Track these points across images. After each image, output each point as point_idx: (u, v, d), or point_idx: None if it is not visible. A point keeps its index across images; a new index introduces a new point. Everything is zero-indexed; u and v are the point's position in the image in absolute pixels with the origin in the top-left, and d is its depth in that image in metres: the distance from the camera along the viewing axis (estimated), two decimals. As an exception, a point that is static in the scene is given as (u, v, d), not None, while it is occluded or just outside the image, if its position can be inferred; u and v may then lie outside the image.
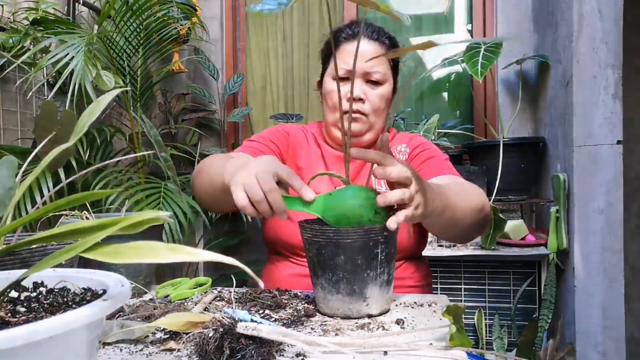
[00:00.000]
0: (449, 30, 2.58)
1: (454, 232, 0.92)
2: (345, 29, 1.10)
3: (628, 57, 1.67)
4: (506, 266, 1.93)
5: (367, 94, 1.05)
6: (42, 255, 0.62)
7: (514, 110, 2.26)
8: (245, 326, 0.52)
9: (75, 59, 1.52)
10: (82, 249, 0.32)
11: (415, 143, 1.14)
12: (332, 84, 1.07)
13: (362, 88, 1.05)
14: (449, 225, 0.87)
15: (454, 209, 0.84)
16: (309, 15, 2.65)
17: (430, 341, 0.62)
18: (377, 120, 1.08)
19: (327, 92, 1.09)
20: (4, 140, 1.76)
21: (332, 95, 1.07)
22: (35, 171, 0.43)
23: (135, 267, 0.87)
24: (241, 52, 2.75)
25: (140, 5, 1.92)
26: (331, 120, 1.10)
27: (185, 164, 2.50)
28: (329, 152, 1.15)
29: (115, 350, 0.61)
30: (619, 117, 1.65)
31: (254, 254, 2.61)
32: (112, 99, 2.11)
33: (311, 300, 0.83)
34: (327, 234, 0.70)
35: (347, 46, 1.07)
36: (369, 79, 1.06)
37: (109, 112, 2.32)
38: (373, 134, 1.10)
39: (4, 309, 0.37)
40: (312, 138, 1.18)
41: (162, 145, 1.00)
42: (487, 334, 1.90)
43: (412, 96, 2.59)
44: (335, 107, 1.07)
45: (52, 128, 0.70)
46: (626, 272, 1.66)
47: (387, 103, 1.09)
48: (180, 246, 0.31)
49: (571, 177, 1.72)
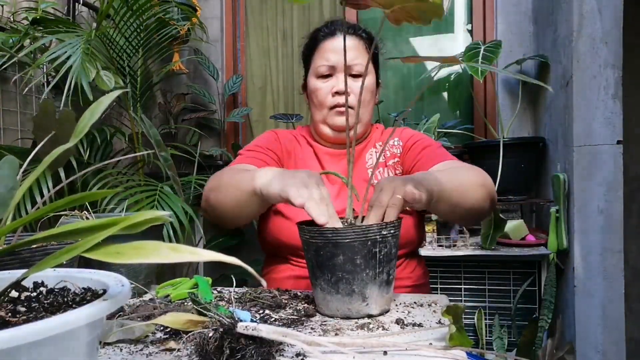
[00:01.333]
0: (448, 30, 2.58)
1: (460, 212, 0.92)
2: (323, 27, 1.12)
3: (628, 57, 1.67)
4: (506, 266, 1.93)
5: (351, 87, 1.07)
6: (42, 255, 0.62)
7: (514, 110, 2.26)
8: (245, 326, 0.52)
9: (72, 57, 1.52)
10: (82, 249, 0.32)
11: (407, 135, 1.15)
12: (316, 82, 1.09)
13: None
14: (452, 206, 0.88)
15: (451, 190, 0.86)
16: (309, 15, 2.65)
17: (430, 341, 0.62)
18: (364, 112, 1.10)
19: (312, 90, 1.11)
20: (4, 140, 1.76)
21: (317, 93, 1.09)
22: (36, 171, 0.43)
23: (135, 267, 0.87)
24: (241, 52, 2.75)
25: (140, 5, 1.92)
26: (319, 118, 1.12)
27: (185, 164, 2.50)
28: (321, 150, 1.16)
29: (115, 350, 0.61)
30: (619, 117, 1.65)
31: (254, 254, 2.61)
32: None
33: (311, 300, 0.83)
34: (325, 234, 0.70)
35: (326, 44, 1.09)
36: (350, 73, 1.07)
37: (109, 112, 2.32)
38: (361, 127, 1.12)
39: (4, 309, 0.37)
40: (303, 139, 1.19)
41: (162, 145, 1.01)
42: (487, 334, 1.90)
43: (412, 96, 2.59)
44: (322, 104, 1.09)
45: (51, 127, 0.70)
46: (626, 272, 1.66)
47: (371, 95, 1.11)
48: (182, 246, 0.31)
49: (571, 177, 1.72)
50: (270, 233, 1.08)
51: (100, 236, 0.32)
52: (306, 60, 1.16)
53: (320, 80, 1.09)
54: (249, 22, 2.73)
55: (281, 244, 1.06)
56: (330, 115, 1.09)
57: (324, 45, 1.09)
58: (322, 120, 1.11)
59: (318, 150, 1.16)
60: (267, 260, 1.16)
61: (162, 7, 2.10)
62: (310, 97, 1.14)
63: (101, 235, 0.32)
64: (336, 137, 1.12)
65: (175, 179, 1.57)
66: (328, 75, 1.08)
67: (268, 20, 2.70)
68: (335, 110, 1.08)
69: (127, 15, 1.94)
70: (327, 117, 1.09)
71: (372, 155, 1.14)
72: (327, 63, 1.07)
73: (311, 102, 1.13)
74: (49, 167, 0.49)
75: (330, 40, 1.08)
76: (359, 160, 1.14)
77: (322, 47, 1.09)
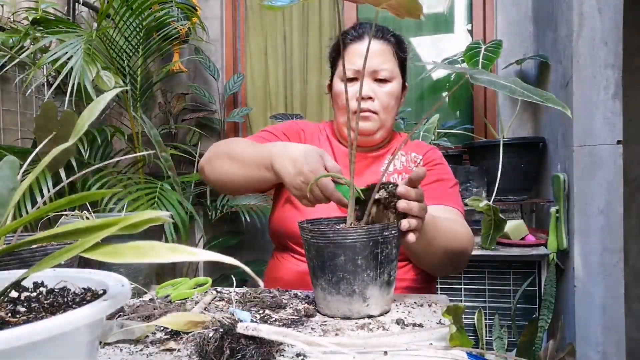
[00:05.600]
0: (449, 30, 2.58)
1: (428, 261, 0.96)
2: (351, 30, 1.12)
3: (628, 57, 1.67)
4: (506, 266, 1.93)
5: (376, 92, 1.06)
6: (42, 255, 0.62)
7: (514, 110, 2.26)
8: (245, 326, 0.52)
9: (74, 57, 1.52)
10: (82, 249, 0.32)
11: (430, 157, 1.15)
12: (340, 85, 1.09)
13: (370, 87, 1.06)
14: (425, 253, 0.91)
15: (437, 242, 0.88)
16: (309, 15, 2.65)
17: (430, 341, 0.62)
18: (387, 117, 1.09)
19: (337, 93, 1.11)
20: (4, 140, 1.76)
21: (341, 97, 1.09)
22: (35, 171, 0.43)
23: (135, 267, 0.87)
24: (241, 52, 2.75)
25: (140, 5, 1.92)
26: (342, 120, 1.12)
27: (185, 164, 2.50)
28: (339, 149, 1.16)
29: (115, 350, 0.61)
30: (619, 117, 1.65)
31: (254, 254, 2.61)
32: (112, 98, 2.11)
33: (311, 300, 0.83)
34: (326, 234, 0.70)
35: (353, 47, 1.09)
36: (376, 78, 1.07)
37: (109, 112, 2.32)
38: (384, 132, 1.11)
39: (4, 309, 0.37)
40: (324, 135, 1.20)
41: (162, 145, 1.01)
42: (487, 334, 1.90)
43: (412, 96, 2.59)
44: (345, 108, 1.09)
45: (52, 128, 0.70)
46: (626, 272, 1.66)
47: (396, 100, 1.10)
48: (180, 246, 0.31)
49: (571, 177, 1.72)
50: (279, 222, 1.09)
51: (99, 236, 0.32)
52: (333, 62, 1.16)
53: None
54: (249, 22, 2.73)
55: (288, 234, 1.07)
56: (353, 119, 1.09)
57: (351, 49, 1.09)
58: (344, 123, 1.11)
59: (336, 150, 1.16)
60: (274, 255, 1.17)
61: (162, 7, 2.10)
62: (334, 99, 1.14)
63: (100, 235, 0.32)
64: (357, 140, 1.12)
65: (175, 179, 1.57)
66: (354, 79, 1.07)
67: (268, 21, 2.70)
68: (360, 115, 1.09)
69: (127, 15, 1.94)
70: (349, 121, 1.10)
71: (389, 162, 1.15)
72: (353, 67, 1.06)
73: (335, 104, 1.14)
74: (49, 167, 0.49)
75: (357, 44, 1.08)
76: (375, 165, 1.14)
77: (349, 51, 1.09)
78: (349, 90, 1.08)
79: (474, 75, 0.65)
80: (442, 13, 2.56)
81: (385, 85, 1.07)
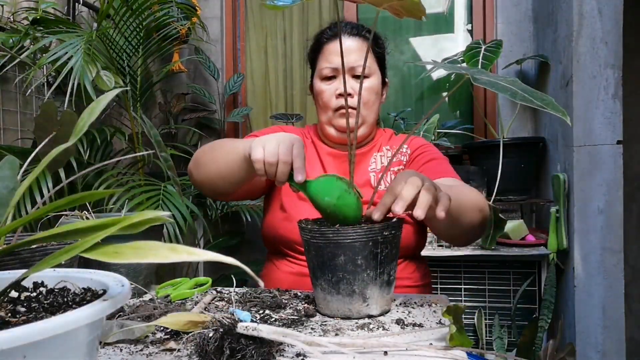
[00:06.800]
0: (449, 30, 2.58)
1: (456, 231, 0.93)
2: (326, 30, 1.13)
3: (628, 57, 1.67)
4: (506, 266, 1.93)
5: (354, 89, 1.07)
6: (42, 255, 0.62)
7: (514, 110, 2.26)
8: (245, 326, 0.52)
9: (74, 57, 1.52)
10: (82, 249, 0.32)
11: (416, 144, 1.15)
12: (321, 84, 1.10)
13: (349, 83, 1.07)
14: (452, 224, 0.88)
15: (458, 208, 0.85)
16: (309, 15, 2.65)
17: (430, 341, 0.62)
18: (368, 113, 1.10)
19: (317, 92, 1.12)
20: (4, 140, 1.76)
21: (322, 95, 1.10)
22: (35, 171, 0.43)
23: (135, 267, 0.87)
24: (241, 52, 2.75)
25: (140, 5, 1.92)
26: (324, 119, 1.13)
27: (185, 164, 2.50)
28: (323, 149, 1.17)
29: (115, 350, 0.61)
30: (619, 117, 1.65)
31: (254, 254, 2.61)
32: (112, 98, 2.10)
33: (311, 300, 0.83)
34: (326, 234, 0.70)
35: (329, 46, 1.10)
36: (354, 74, 1.08)
37: (109, 112, 2.32)
38: (366, 128, 1.12)
39: (4, 309, 0.37)
40: (309, 139, 1.20)
41: (162, 145, 1.00)
42: (487, 334, 1.90)
43: (412, 96, 2.59)
44: (327, 106, 1.10)
45: (52, 128, 0.70)
46: (626, 272, 1.66)
47: (376, 96, 1.11)
48: (180, 246, 0.31)
49: (571, 177, 1.72)
50: (271, 228, 1.10)
51: (99, 236, 0.32)
52: (312, 62, 1.17)
53: (325, 83, 1.10)
54: (249, 22, 2.73)
55: (281, 239, 1.07)
56: (335, 116, 1.10)
57: (327, 47, 1.10)
58: (327, 121, 1.12)
59: (321, 151, 1.17)
60: (268, 258, 1.17)
61: (162, 7, 2.10)
62: (316, 99, 1.15)
63: (100, 235, 0.32)
64: (340, 138, 1.12)
65: (175, 179, 1.56)
66: (332, 77, 1.09)
67: (268, 20, 2.70)
68: (340, 112, 1.09)
69: (127, 15, 1.94)
70: (332, 118, 1.10)
71: (376, 158, 1.14)
72: (330, 65, 1.08)
73: (317, 103, 1.14)
74: (49, 167, 0.49)
75: (333, 43, 1.09)
76: (362, 163, 1.14)
77: (326, 50, 1.10)
78: (328, 89, 1.09)
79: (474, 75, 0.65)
80: (442, 13, 2.56)
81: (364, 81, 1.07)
